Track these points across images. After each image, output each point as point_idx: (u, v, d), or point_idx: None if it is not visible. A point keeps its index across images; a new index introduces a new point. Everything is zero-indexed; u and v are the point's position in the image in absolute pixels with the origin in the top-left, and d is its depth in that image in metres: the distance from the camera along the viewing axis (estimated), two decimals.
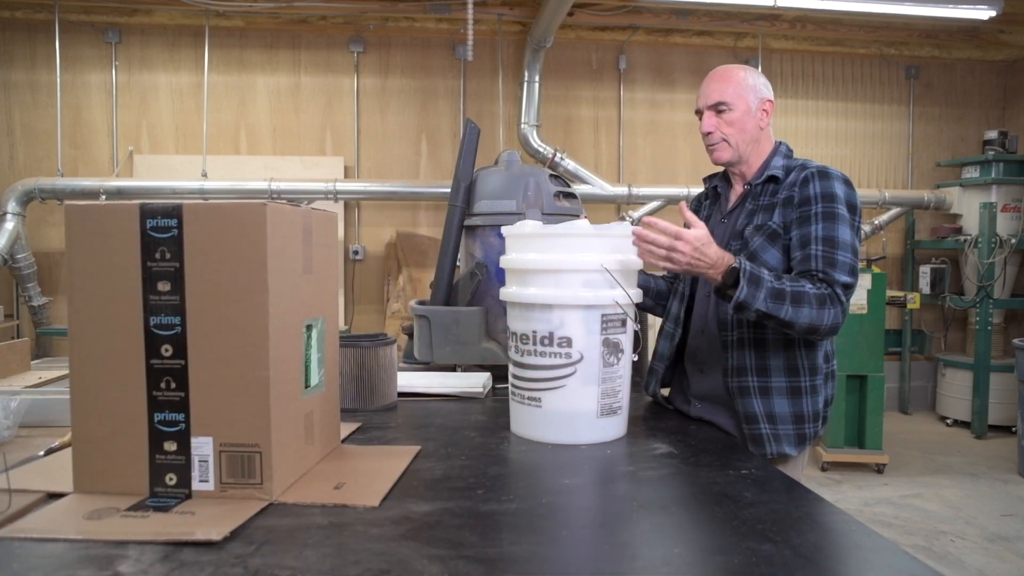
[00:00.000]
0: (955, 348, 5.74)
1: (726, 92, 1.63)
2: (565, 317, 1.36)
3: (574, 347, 1.36)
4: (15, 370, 3.23)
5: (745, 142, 1.65)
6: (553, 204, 2.03)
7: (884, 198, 5.28)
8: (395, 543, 0.90)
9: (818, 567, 0.85)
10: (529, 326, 1.39)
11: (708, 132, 1.66)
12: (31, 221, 4.79)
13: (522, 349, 1.41)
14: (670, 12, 5.10)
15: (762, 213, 1.62)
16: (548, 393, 1.38)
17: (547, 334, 1.37)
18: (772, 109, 1.67)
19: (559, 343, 1.36)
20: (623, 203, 5.25)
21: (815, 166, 1.59)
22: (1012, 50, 5.62)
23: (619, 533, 0.96)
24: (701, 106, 1.68)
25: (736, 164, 1.69)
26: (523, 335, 1.41)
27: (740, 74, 1.65)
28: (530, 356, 1.39)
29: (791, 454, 1.59)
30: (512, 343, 1.45)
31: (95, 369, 1.03)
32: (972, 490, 3.92)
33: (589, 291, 1.36)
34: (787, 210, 1.58)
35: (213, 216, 1.00)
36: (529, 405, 1.41)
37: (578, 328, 1.36)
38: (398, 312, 4.82)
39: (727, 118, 1.64)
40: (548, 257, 1.39)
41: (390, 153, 5.29)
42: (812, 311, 1.45)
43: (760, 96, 1.65)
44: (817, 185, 1.55)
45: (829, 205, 1.53)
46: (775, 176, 1.63)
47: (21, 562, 0.84)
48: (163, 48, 5.05)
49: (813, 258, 1.50)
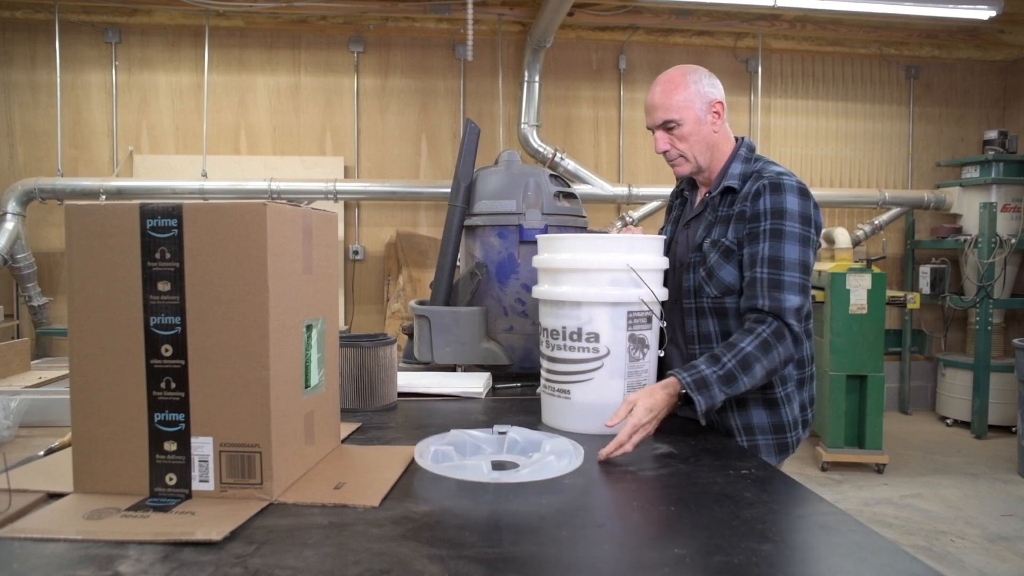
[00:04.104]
0: (955, 348, 5.74)
1: (671, 109, 1.58)
2: (593, 313, 1.44)
3: (601, 342, 1.44)
4: (15, 370, 3.23)
5: (702, 152, 1.62)
6: (553, 204, 2.03)
7: (884, 198, 5.28)
8: (395, 543, 0.90)
9: (818, 567, 0.85)
10: (559, 322, 1.48)
11: (664, 151, 1.63)
12: (31, 221, 4.79)
13: (553, 344, 1.50)
14: (670, 12, 5.10)
15: (719, 226, 1.60)
16: (577, 385, 1.46)
17: (576, 329, 1.45)
18: (723, 109, 1.62)
19: (587, 338, 1.44)
20: (623, 203, 5.25)
21: (769, 175, 1.54)
22: (1012, 50, 5.62)
23: (619, 533, 0.96)
24: (649, 125, 1.64)
25: (699, 173, 1.68)
26: (554, 330, 1.49)
27: (682, 82, 1.59)
28: (560, 351, 1.48)
29: (772, 464, 1.57)
30: (544, 338, 1.53)
31: (95, 369, 1.03)
32: (972, 490, 3.92)
33: (616, 289, 1.44)
34: (739, 226, 1.55)
35: (213, 216, 1.00)
36: (559, 397, 1.49)
37: (605, 324, 1.44)
38: (398, 312, 4.82)
39: (678, 133, 1.60)
40: (578, 257, 1.47)
41: (390, 153, 5.29)
42: (762, 363, 1.43)
43: (707, 100, 1.60)
44: (768, 200, 1.51)
45: (778, 222, 1.49)
46: (731, 187, 1.60)
47: (21, 562, 0.84)
48: (163, 48, 5.05)
49: (759, 283, 1.48)
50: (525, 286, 2.01)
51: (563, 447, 1.26)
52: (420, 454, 1.22)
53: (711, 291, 1.59)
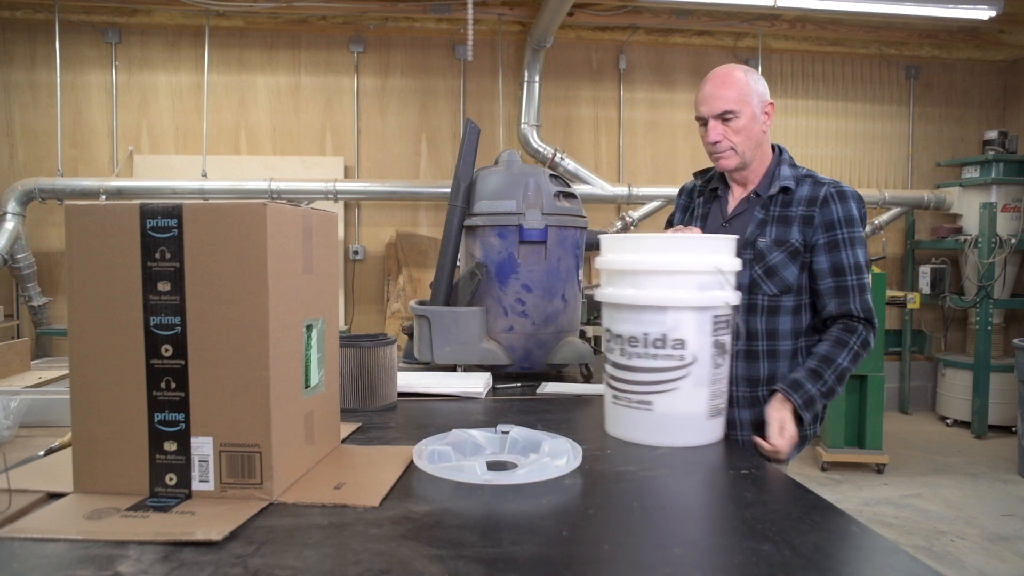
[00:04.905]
0: (955, 348, 5.74)
1: (731, 100, 1.60)
2: (680, 319, 1.34)
3: (687, 349, 1.34)
4: (15, 370, 3.23)
5: (751, 148, 1.64)
6: (553, 204, 2.03)
7: (884, 198, 5.28)
8: (395, 543, 0.90)
9: (818, 567, 0.85)
10: (640, 328, 1.37)
11: (716, 141, 1.63)
12: (31, 221, 4.80)
13: (630, 352, 1.38)
14: (670, 12, 5.10)
15: (776, 226, 1.62)
16: (660, 396, 1.36)
17: (660, 336, 1.35)
18: (773, 112, 1.66)
19: (673, 345, 1.35)
20: (623, 203, 5.25)
21: (829, 182, 1.62)
22: (1012, 50, 5.62)
23: (619, 533, 0.96)
24: (705, 114, 1.64)
25: (741, 170, 1.69)
26: (632, 337, 1.38)
27: (742, 78, 1.62)
28: (639, 359, 1.37)
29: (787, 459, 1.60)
30: (616, 345, 1.42)
31: (95, 369, 1.03)
32: (972, 490, 3.92)
33: (703, 292, 1.35)
34: (807, 229, 1.60)
35: (213, 216, 1.00)
36: (638, 408, 1.38)
37: (691, 330, 1.34)
38: (398, 312, 4.82)
39: (734, 126, 1.61)
40: (665, 258, 1.37)
41: (390, 153, 5.29)
42: (851, 372, 1.58)
43: (763, 99, 1.64)
44: (839, 208, 1.59)
45: (851, 230, 1.59)
46: (787, 187, 1.63)
47: (21, 562, 0.83)
48: (163, 48, 5.06)
49: (851, 291, 1.59)
50: (525, 286, 2.01)
51: (562, 447, 1.26)
52: (419, 454, 1.22)
53: (769, 289, 1.62)
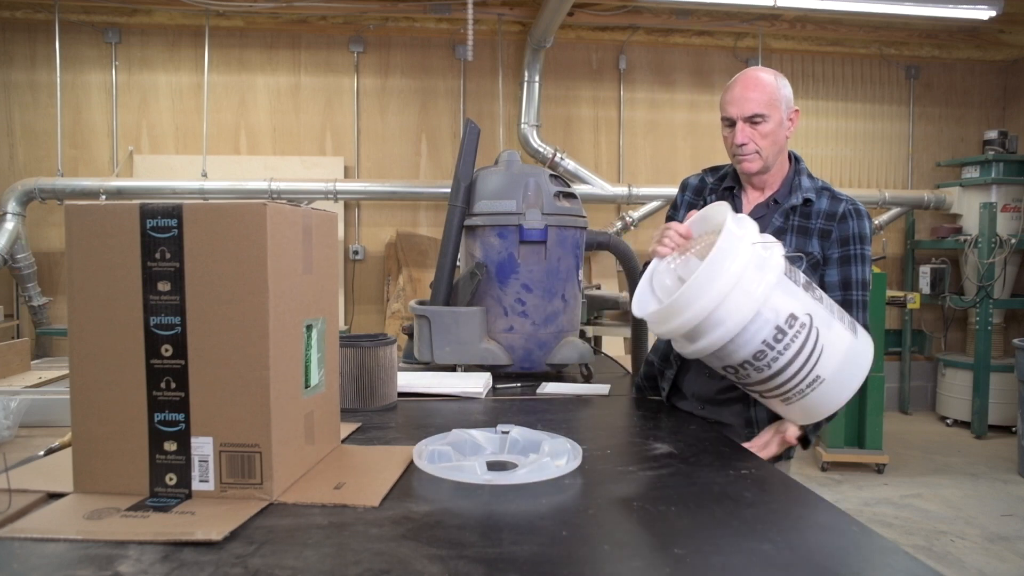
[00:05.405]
0: (955, 348, 5.74)
1: (763, 104, 1.59)
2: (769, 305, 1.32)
3: (797, 313, 1.33)
4: (15, 370, 3.23)
5: (774, 153, 1.64)
6: (553, 204, 2.03)
7: (884, 198, 5.28)
8: (395, 543, 0.90)
9: (818, 567, 0.85)
10: (755, 344, 1.34)
11: (743, 144, 1.62)
12: (31, 221, 4.79)
13: (765, 363, 1.37)
14: (670, 12, 5.10)
15: (796, 236, 1.63)
16: (819, 365, 1.36)
17: (774, 331, 1.35)
18: (797, 119, 1.66)
19: (787, 324, 1.33)
20: (623, 203, 5.25)
21: (846, 199, 1.65)
22: (1012, 50, 5.62)
23: (619, 533, 0.96)
24: (735, 115, 1.62)
25: (761, 174, 1.68)
26: (756, 354, 1.36)
27: (772, 83, 1.62)
28: (780, 359, 1.35)
29: (792, 455, 1.61)
30: (745, 371, 1.41)
31: (95, 369, 1.03)
32: (972, 490, 3.92)
33: (759, 273, 1.32)
34: (824, 242, 1.62)
35: (213, 216, 1.00)
36: (817, 387, 1.38)
37: (783, 299, 1.34)
38: (398, 312, 4.82)
39: (762, 130, 1.61)
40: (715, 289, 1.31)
41: (390, 153, 5.29)
42: None
43: (790, 106, 1.64)
44: (855, 225, 1.62)
45: (863, 247, 1.63)
46: (810, 199, 1.65)
47: (21, 562, 0.84)
48: (163, 48, 5.06)
49: (855, 306, 1.60)
50: (525, 286, 2.01)
51: (562, 447, 1.26)
52: (419, 454, 1.22)
53: None
